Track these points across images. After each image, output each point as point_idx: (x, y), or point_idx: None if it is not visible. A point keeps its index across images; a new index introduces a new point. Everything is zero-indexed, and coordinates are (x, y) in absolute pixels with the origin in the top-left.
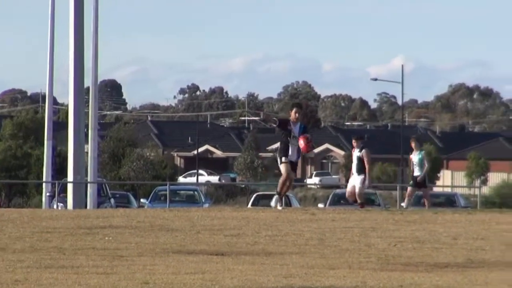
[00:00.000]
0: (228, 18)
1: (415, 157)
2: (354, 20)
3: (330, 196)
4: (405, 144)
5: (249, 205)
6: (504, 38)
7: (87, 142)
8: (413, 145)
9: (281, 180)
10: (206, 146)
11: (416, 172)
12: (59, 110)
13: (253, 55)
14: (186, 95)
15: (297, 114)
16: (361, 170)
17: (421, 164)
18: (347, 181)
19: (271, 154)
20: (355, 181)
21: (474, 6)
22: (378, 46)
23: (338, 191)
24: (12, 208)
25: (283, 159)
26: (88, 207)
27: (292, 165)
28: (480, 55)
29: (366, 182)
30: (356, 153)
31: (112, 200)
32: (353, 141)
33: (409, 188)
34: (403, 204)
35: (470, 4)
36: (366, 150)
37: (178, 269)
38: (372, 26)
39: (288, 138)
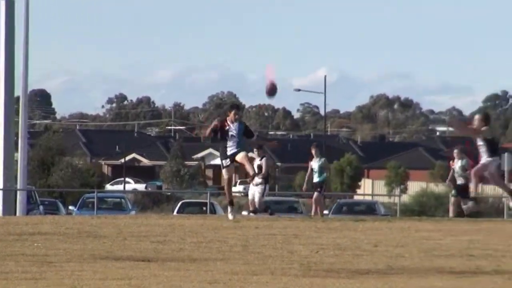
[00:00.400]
0: (156, 30)
1: (315, 164)
2: (280, 32)
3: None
4: (327, 153)
5: (175, 213)
6: (424, 50)
7: (17, 150)
8: (313, 152)
9: (225, 188)
10: (133, 155)
11: (316, 179)
12: None
13: (180, 65)
14: (114, 105)
15: (236, 116)
16: (263, 179)
17: (321, 170)
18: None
19: (196, 162)
20: (255, 190)
21: (396, 19)
22: (302, 58)
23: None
24: None
25: (224, 162)
26: (17, 214)
27: (233, 157)
28: (401, 67)
29: (266, 190)
30: (257, 162)
31: (41, 207)
32: (255, 150)
33: (315, 194)
34: (325, 212)
35: (392, 17)
36: (266, 159)
37: (105, 275)
38: (297, 38)
39: (226, 138)
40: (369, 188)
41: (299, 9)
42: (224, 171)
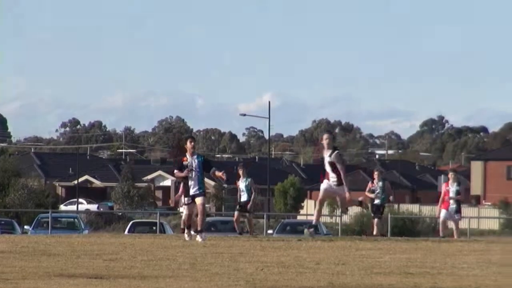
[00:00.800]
0: (108, 56)
1: (242, 183)
2: (226, 58)
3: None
4: (271, 176)
5: (126, 232)
6: (366, 76)
7: None
8: (240, 172)
9: (184, 219)
10: (86, 177)
11: (243, 198)
12: None
13: (131, 91)
14: (68, 129)
15: (192, 143)
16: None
17: (248, 190)
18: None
19: (146, 184)
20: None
21: (337, 45)
22: (248, 84)
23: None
24: None
25: (185, 200)
26: None
27: (195, 197)
28: (343, 92)
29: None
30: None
31: None
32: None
33: (236, 213)
34: (269, 231)
35: (334, 43)
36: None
37: None
38: (243, 64)
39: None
40: (312, 209)
41: (243, 35)
42: (185, 207)
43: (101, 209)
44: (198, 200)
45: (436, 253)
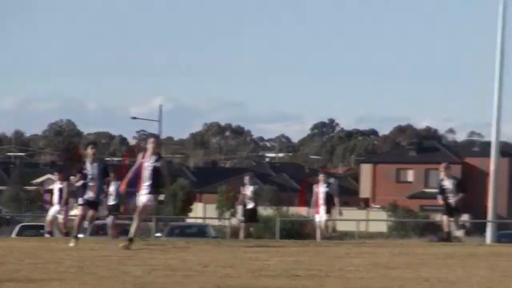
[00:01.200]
0: None
1: (111, 187)
2: (117, 61)
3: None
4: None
5: (14, 235)
6: (255, 81)
7: None
8: (111, 176)
9: (76, 221)
10: None
11: (111, 201)
12: None
13: (22, 94)
14: None
15: (93, 150)
16: None
17: (117, 192)
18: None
19: (35, 187)
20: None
21: (229, 49)
22: (139, 87)
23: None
24: None
25: (80, 201)
26: None
27: (91, 204)
28: (234, 96)
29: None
30: None
31: None
32: None
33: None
34: (158, 234)
35: (226, 47)
36: None
37: None
38: (136, 68)
39: (85, 180)
40: (201, 212)
41: (133, 38)
42: (79, 208)
43: None
44: (92, 211)
45: (323, 255)
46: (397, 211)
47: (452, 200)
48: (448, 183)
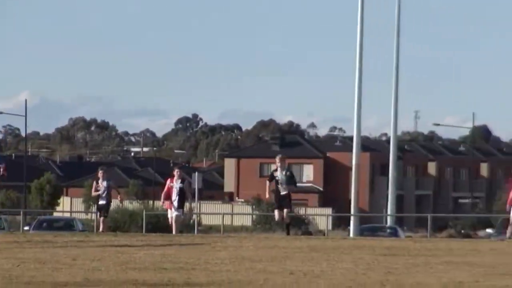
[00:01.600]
0: None
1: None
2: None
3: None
4: (28, 173)
5: None
6: (121, 76)
7: None
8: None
9: None
10: None
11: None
12: None
13: None
14: None
15: None
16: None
17: None
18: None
19: None
20: None
21: (97, 46)
22: (5, 81)
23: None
24: None
25: None
26: None
27: None
28: (99, 91)
29: None
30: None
31: None
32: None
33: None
34: (26, 228)
35: (96, 44)
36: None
37: None
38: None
39: None
40: (68, 205)
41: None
42: None
43: None
44: None
45: (190, 249)
46: (261, 205)
47: (283, 192)
48: (280, 175)
